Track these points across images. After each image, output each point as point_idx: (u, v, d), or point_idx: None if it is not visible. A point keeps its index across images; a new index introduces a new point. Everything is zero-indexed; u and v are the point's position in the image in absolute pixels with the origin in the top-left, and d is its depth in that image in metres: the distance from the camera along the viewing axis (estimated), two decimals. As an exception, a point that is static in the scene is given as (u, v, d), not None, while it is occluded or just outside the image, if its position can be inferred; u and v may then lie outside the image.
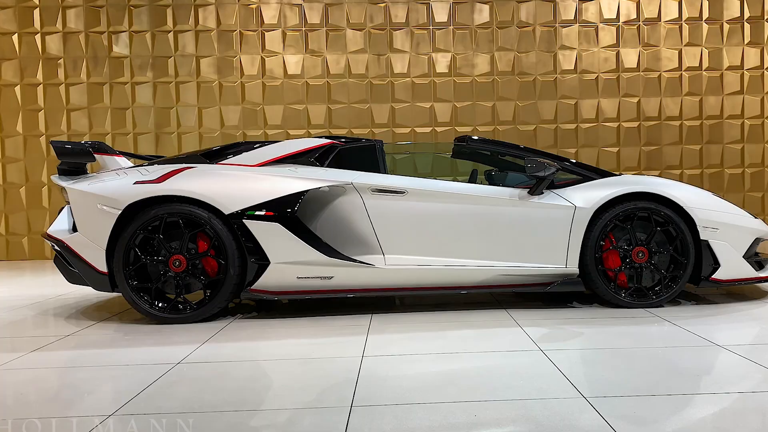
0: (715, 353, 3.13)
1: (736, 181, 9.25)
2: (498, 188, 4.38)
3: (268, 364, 3.19)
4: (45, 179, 9.19)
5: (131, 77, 9.19)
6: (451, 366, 3.06)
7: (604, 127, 9.21)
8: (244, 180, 4.25)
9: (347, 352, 3.30)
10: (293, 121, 9.23)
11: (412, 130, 9.21)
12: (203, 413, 2.47)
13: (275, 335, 3.81)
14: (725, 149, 9.22)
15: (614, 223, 4.27)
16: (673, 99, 9.18)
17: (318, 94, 9.22)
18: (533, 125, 9.22)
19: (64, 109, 9.19)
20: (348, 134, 9.21)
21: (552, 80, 9.21)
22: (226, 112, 9.24)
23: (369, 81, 9.22)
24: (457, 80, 9.22)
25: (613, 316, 4.05)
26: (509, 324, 3.88)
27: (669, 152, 9.22)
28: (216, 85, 9.21)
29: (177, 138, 9.23)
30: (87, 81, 9.18)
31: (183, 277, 4.21)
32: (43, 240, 9.21)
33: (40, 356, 3.44)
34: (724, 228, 4.30)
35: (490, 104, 9.22)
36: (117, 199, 4.16)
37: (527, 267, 4.28)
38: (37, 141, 9.19)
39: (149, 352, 3.47)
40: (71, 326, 4.21)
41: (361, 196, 4.27)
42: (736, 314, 4.07)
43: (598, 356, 3.13)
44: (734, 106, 9.20)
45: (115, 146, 9.16)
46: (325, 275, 4.21)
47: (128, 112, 9.22)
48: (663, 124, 9.20)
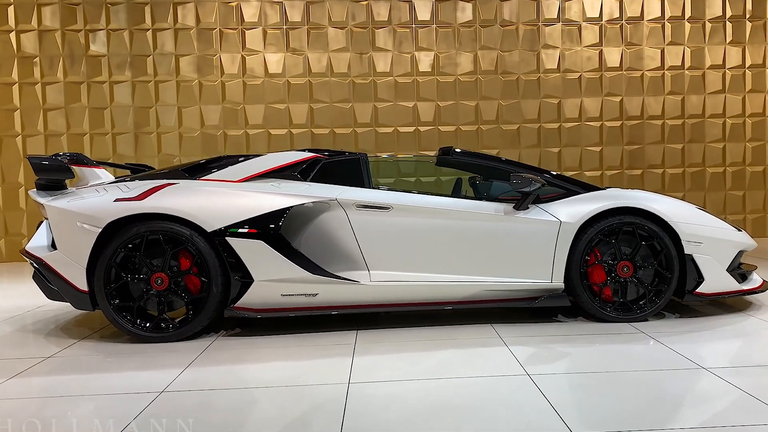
0: (699, 377, 3.14)
1: (717, 180, 9.30)
2: (483, 203, 4.36)
3: (253, 394, 3.15)
4: (22, 180, 9.04)
5: (109, 76, 9.05)
6: (438, 395, 3.03)
7: (587, 126, 9.22)
8: (226, 196, 4.19)
9: (333, 378, 3.27)
10: (275, 120, 9.14)
11: (395, 129, 9.16)
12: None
13: (259, 357, 3.77)
14: (707, 148, 9.27)
15: (599, 237, 4.26)
16: (656, 98, 9.20)
17: (300, 93, 9.13)
18: (516, 124, 9.20)
19: (40, 108, 9.03)
20: (330, 134, 9.15)
21: (535, 79, 9.18)
22: (207, 112, 9.13)
23: (351, 80, 9.14)
24: (440, 79, 9.17)
25: (597, 332, 4.05)
26: (495, 342, 3.87)
27: (651, 151, 9.25)
28: (196, 84, 9.10)
29: (156, 138, 9.11)
30: (64, 80, 9.02)
31: (165, 295, 4.15)
32: (21, 241, 9.08)
33: (20, 384, 3.37)
34: (708, 242, 4.31)
35: (474, 103, 9.18)
36: (97, 217, 4.08)
37: (513, 282, 4.26)
38: (13, 141, 9.03)
39: (132, 378, 3.41)
40: (51, 346, 4.14)
41: (346, 212, 4.23)
42: (720, 330, 4.09)
43: (585, 382, 3.12)
44: (716, 105, 9.24)
45: (93, 147, 9.04)
46: (310, 292, 4.17)
47: (106, 112, 9.08)
48: (645, 123, 9.22)
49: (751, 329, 4.08)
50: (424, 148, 9.17)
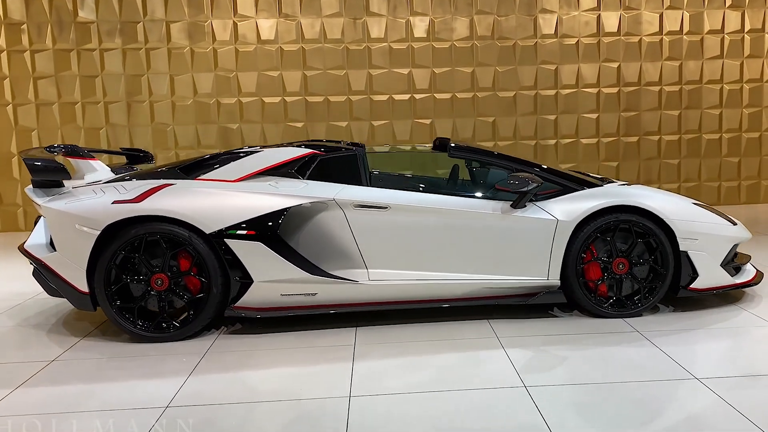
0: (691, 392, 3.21)
1: (713, 147, 9.30)
2: (481, 201, 4.37)
3: (256, 410, 3.21)
4: (14, 149, 8.99)
5: (99, 43, 8.90)
6: (436, 409, 3.10)
7: (584, 93, 9.15)
8: (224, 197, 4.19)
9: (334, 391, 3.33)
10: (268, 88, 9.04)
11: (390, 97, 9.08)
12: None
13: (261, 362, 3.82)
14: (703, 114, 9.24)
15: (595, 235, 4.30)
16: (653, 64, 9.12)
17: (293, 60, 9.01)
18: (513, 91, 9.13)
19: (30, 77, 8.91)
20: (324, 102, 9.06)
21: (532, 45, 9.07)
22: (199, 80, 9.02)
23: (345, 46, 9.02)
24: (436, 45, 9.05)
25: (592, 331, 4.12)
26: (493, 344, 3.94)
27: (648, 118, 9.21)
28: (187, 51, 8.96)
29: (149, 107, 9.02)
30: (53, 47, 8.88)
31: (166, 295, 4.18)
32: (16, 211, 9.08)
33: (25, 396, 3.42)
34: (703, 238, 4.35)
35: (470, 70, 9.09)
36: (95, 219, 4.08)
37: (510, 279, 4.31)
38: (4, 110, 8.94)
39: (136, 389, 3.47)
40: (54, 345, 4.19)
41: (344, 211, 4.24)
42: (712, 329, 4.14)
43: (580, 398, 3.20)
44: (714, 71, 9.17)
45: (85, 116, 8.96)
46: (309, 292, 4.21)
47: (98, 80, 8.97)
48: (642, 90, 9.16)
49: (742, 326, 4.15)
50: (420, 117, 9.11)
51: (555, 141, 9.20)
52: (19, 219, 9.10)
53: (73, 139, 8.95)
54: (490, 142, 9.15)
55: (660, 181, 9.28)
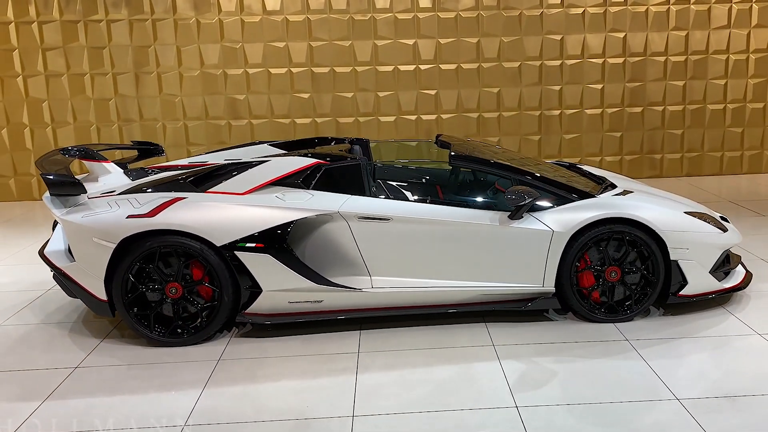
0: (671, 416, 3.45)
1: (717, 117, 9.34)
2: (480, 212, 4.53)
3: (263, 430, 3.47)
4: (26, 120, 9.14)
5: (106, 15, 8.93)
6: (435, 429, 3.37)
7: (589, 64, 9.16)
8: (233, 210, 4.37)
9: (338, 410, 3.59)
10: (274, 59, 9.09)
11: (396, 68, 9.12)
12: None
13: (269, 373, 4.07)
14: (708, 85, 9.25)
15: (590, 245, 4.48)
16: (660, 34, 9.08)
17: (298, 31, 9.03)
18: (518, 62, 9.15)
19: (38, 48, 8.98)
20: (330, 73, 9.11)
21: (538, 15, 9.03)
22: (206, 51, 9.07)
23: (350, 17, 9.01)
24: (441, 15, 9.03)
25: (584, 339, 4.35)
26: (488, 355, 4.18)
27: (652, 88, 9.24)
28: (194, 22, 8.98)
29: (157, 78, 9.10)
30: (60, 19, 8.92)
31: (180, 303, 4.42)
32: (30, 181, 9.29)
33: (54, 408, 3.70)
34: (693, 247, 4.53)
35: (475, 40, 9.08)
36: (112, 233, 4.28)
37: (507, 287, 4.52)
38: (14, 82, 9.05)
39: (155, 403, 3.74)
40: (76, 349, 4.45)
41: (348, 223, 4.43)
42: (699, 340, 4.32)
43: (567, 417, 3.45)
44: (720, 41, 9.13)
45: (95, 87, 9.05)
46: (315, 299, 4.44)
47: (105, 52, 9.03)
48: (648, 60, 9.15)
49: (727, 335, 4.37)
50: (425, 87, 9.16)
51: (559, 111, 9.25)
52: (33, 189, 9.32)
53: (83, 110, 9.09)
54: (495, 113, 9.22)
55: (663, 151, 9.37)
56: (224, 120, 9.20)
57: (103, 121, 9.14)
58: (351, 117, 9.21)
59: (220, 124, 9.20)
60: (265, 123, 9.19)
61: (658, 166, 9.46)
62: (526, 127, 9.29)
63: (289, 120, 9.20)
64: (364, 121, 9.20)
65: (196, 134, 9.21)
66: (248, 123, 9.20)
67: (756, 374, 3.85)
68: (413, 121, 9.22)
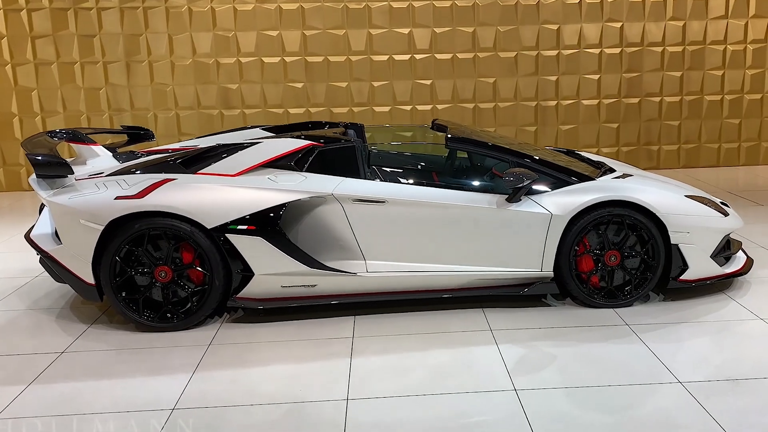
0: (673, 398, 3.37)
1: (714, 108, 9.28)
2: (477, 195, 4.44)
3: (256, 414, 3.36)
4: (15, 110, 9.01)
5: (96, 2, 8.82)
6: (430, 413, 3.27)
7: (586, 54, 9.08)
8: (224, 192, 4.26)
9: (332, 393, 3.49)
10: (267, 48, 8.98)
11: (390, 57, 9.02)
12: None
13: (261, 357, 3.97)
14: (706, 76, 9.18)
15: (589, 228, 4.39)
16: (657, 24, 9.01)
17: (292, 19, 8.92)
18: (514, 52, 9.06)
19: (28, 36, 8.84)
20: (324, 62, 9.00)
21: (534, 4, 8.95)
22: (198, 39, 8.95)
23: (345, 5, 8.90)
24: (437, 4, 8.93)
25: (583, 323, 4.26)
26: (486, 339, 4.08)
27: (649, 79, 9.16)
28: (185, 10, 8.86)
29: (148, 66, 8.98)
30: (49, 6, 8.79)
31: (170, 287, 4.31)
32: (19, 171, 9.16)
33: (39, 393, 3.59)
34: (694, 231, 4.44)
35: (471, 30, 8.99)
36: (99, 215, 4.17)
37: (504, 271, 4.43)
38: (3, 70, 8.92)
39: (144, 388, 3.63)
40: (63, 334, 4.34)
41: (342, 205, 4.32)
42: (699, 324, 4.24)
43: (566, 401, 3.36)
44: (718, 32, 9.06)
45: (84, 76, 8.93)
46: (309, 284, 4.34)
47: (96, 40, 8.90)
48: (645, 50, 9.08)
49: (728, 320, 4.29)
50: (420, 77, 9.06)
51: (556, 102, 9.17)
52: (22, 178, 9.18)
53: (73, 99, 8.96)
54: (491, 103, 9.13)
55: (660, 142, 9.30)
56: (216, 109, 9.08)
57: (94, 111, 9.01)
58: (345, 107, 9.10)
59: (213, 114, 9.08)
60: (258, 113, 9.08)
61: (655, 158, 9.38)
62: (522, 118, 9.20)
63: (283, 110, 9.09)
64: (358, 111, 9.10)
65: (187, 124, 9.08)
66: (241, 113, 9.09)
67: (758, 358, 3.77)
68: (408, 112, 9.12)
